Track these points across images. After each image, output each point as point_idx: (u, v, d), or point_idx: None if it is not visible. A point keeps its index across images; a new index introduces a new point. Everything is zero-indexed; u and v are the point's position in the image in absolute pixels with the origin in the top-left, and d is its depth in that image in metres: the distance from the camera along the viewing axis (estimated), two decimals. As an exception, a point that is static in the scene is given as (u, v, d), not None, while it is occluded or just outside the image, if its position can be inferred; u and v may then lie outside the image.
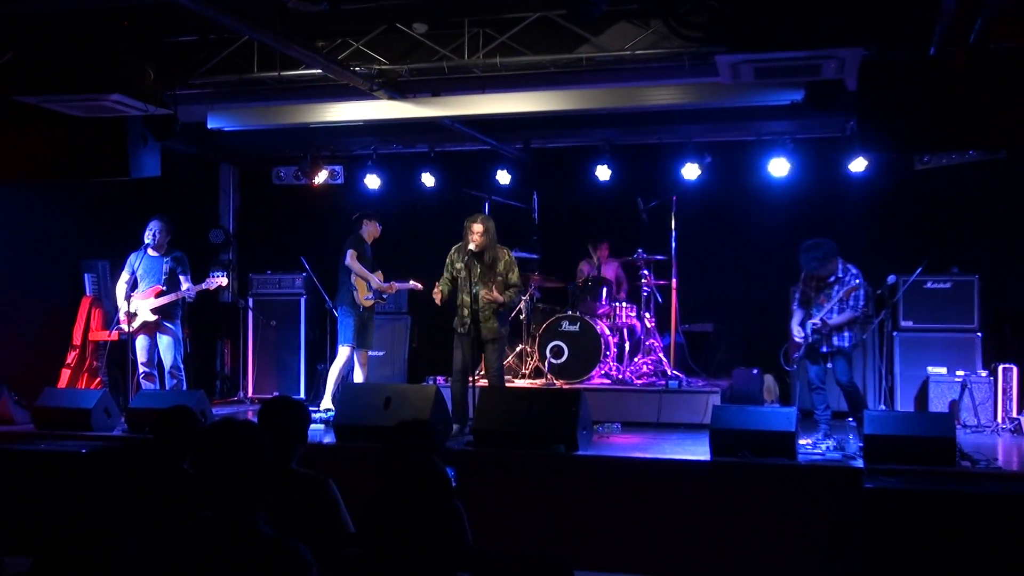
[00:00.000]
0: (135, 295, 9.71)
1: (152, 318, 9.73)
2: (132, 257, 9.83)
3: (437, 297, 8.97)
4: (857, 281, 8.42)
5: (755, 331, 11.61)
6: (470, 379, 8.78)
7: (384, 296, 10.51)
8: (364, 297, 10.16)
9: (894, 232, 10.96)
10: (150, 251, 9.83)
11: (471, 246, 8.74)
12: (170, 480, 4.94)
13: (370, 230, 10.43)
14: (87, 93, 7.62)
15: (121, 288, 9.74)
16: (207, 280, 9.99)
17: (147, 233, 9.82)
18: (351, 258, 10.13)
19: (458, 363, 8.84)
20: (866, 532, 6.55)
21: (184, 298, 9.89)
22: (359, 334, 10.19)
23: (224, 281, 10.24)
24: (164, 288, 9.77)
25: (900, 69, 7.30)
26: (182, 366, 9.98)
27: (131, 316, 9.64)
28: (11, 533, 7.31)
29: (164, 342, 9.83)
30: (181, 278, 9.89)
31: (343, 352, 10.17)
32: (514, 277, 8.93)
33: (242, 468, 3.33)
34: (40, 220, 10.51)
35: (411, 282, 10.59)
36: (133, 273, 9.78)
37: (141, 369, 9.80)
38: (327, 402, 10.05)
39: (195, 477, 3.42)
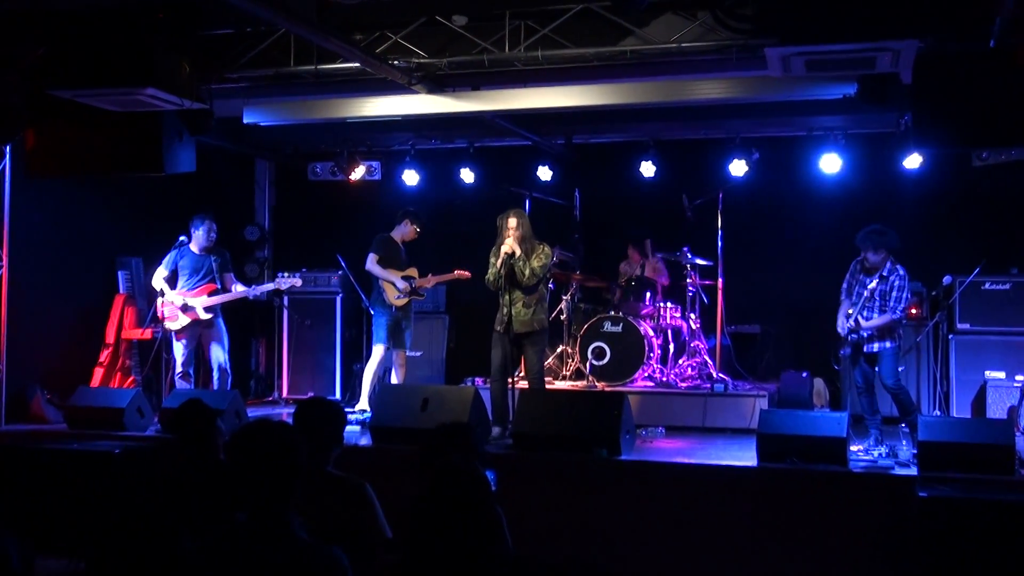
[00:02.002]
0: (182, 293, 9.82)
1: (207, 316, 9.86)
2: (174, 254, 9.91)
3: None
4: (902, 284, 8.35)
5: (804, 333, 11.52)
6: (509, 380, 8.76)
7: (421, 292, 10.52)
8: (395, 296, 10.19)
9: (951, 231, 10.85)
10: (193, 248, 9.94)
11: (505, 245, 8.68)
12: (206, 475, 4.98)
13: (405, 231, 10.45)
14: (121, 87, 7.69)
15: (160, 283, 9.83)
16: (277, 280, 10.19)
17: (199, 230, 9.93)
18: (371, 263, 10.20)
19: (496, 362, 8.81)
20: (919, 543, 6.48)
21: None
22: (392, 334, 10.23)
23: (298, 282, 10.40)
24: (217, 286, 9.94)
25: (958, 62, 7.21)
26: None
27: (178, 312, 9.77)
28: (43, 534, 7.41)
29: (217, 339, 9.96)
30: (225, 276, 10.02)
31: (377, 352, 10.22)
32: (536, 263, 8.79)
33: (276, 470, 3.35)
34: (73, 216, 10.61)
35: (456, 272, 10.58)
36: (174, 270, 9.88)
37: (179, 368, 9.89)
38: (363, 403, 10.09)
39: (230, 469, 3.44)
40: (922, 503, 6.52)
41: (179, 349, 9.90)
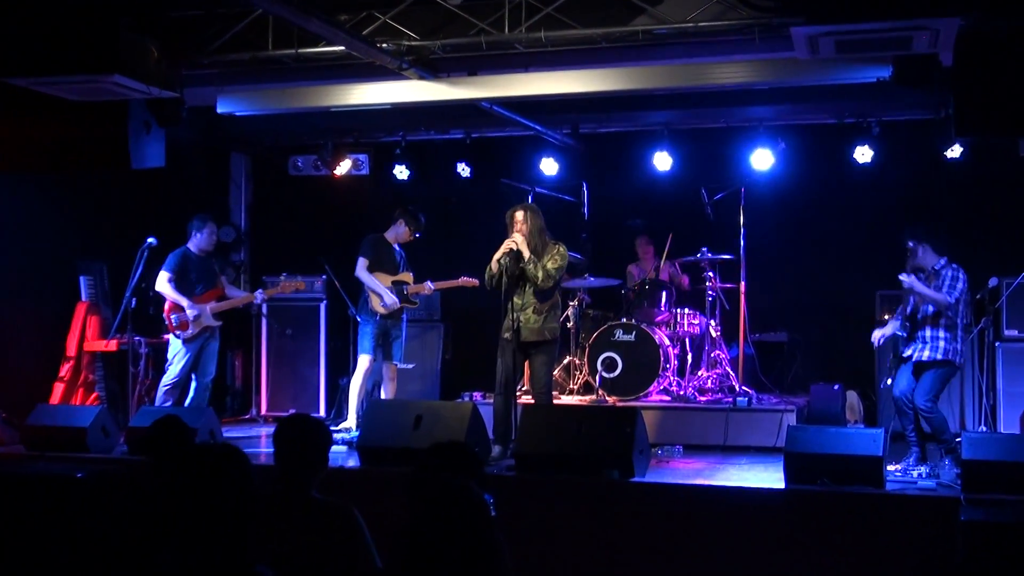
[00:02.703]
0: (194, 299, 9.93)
1: (215, 324, 10.03)
2: (179, 257, 9.97)
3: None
4: (955, 274, 8.33)
5: (836, 341, 11.53)
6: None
7: (414, 300, 10.52)
8: (380, 304, 10.20)
9: (996, 228, 10.85)
10: (194, 251, 10.03)
11: (509, 241, 8.68)
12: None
13: (399, 232, 10.45)
14: (83, 74, 7.70)
15: (167, 288, 9.86)
16: (280, 282, 10.28)
17: (202, 232, 10.05)
18: (361, 268, 10.21)
19: (500, 374, 8.81)
20: (963, 571, 6.47)
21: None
22: (380, 345, 10.25)
23: (302, 285, 10.48)
24: (224, 291, 10.16)
25: (1003, 41, 7.22)
26: None
27: (190, 320, 9.85)
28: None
29: (215, 351, 10.12)
30: (222, 281, 10.23)
31: (362, 363, 10.22)
32: (551, 265, 8.79)
33: (222, 504, 3.31)
34: (31, 217, 10.60)
35: (461, 279, 10.54)
36: (177, 274, 9.93)
37: (171, 380, 9.89)
38: (350, 420, 10.10)
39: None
40: (965, 528, 6.50)
41: (180, 359, 9.90)
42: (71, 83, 7.87)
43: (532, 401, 8.92)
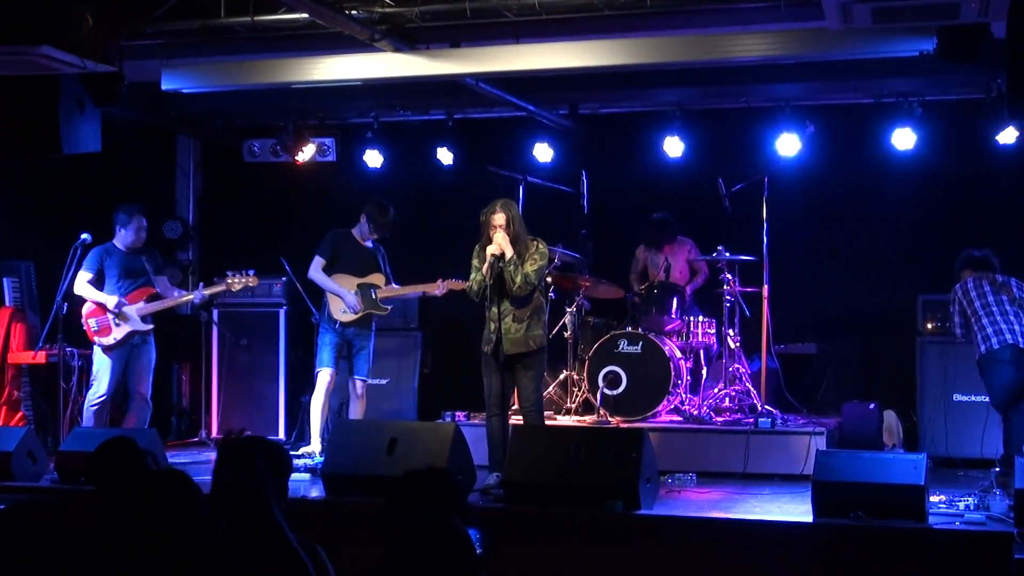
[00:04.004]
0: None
1: (144, 328, 9.99)
2: (99, 252, 9.96)
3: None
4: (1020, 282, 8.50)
5: (872, 354, 11.56)
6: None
7: (383, 307, 10.46)
8: (340, 310, 10.18)
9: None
10: (120, 247, 9.99)
11: (493, 245, 8.68)
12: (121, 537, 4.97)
13: (363, 229, 10.38)
14: (7, 44, 7.68)
15: (85, 288, 9.86)
16: (227, 279, 10.23)
17: (128, 226, 9.99)
18: (315, 269, 10.20)
19: (488, 391, 8.83)
20: (1018, 617, 6.51)
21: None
22: (343, 358, 10.27)
23: (255, 281, 10.41)
24: (156, 291, 10.09)
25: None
26: None
27: (111, 323, 9.84)
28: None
29: (148, 358, 10.08)
30: (159, 279, 10.18)
31: (322, 379, 10.16)
32: (531, 268, 8.76)
33: (172, 536, 3.32)
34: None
35: (439, 282, 10.43)
36: (98, 271, 9.91)
37: (99, 394, 9.88)
38: (315, 444, 10.08)
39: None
40: (1020, 567, 6.54)
41: (105, 370, 9.88)
42: (-7, 55, 7.87)
43: (522, 422, 8.92)
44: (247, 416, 12.07)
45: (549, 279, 10.31)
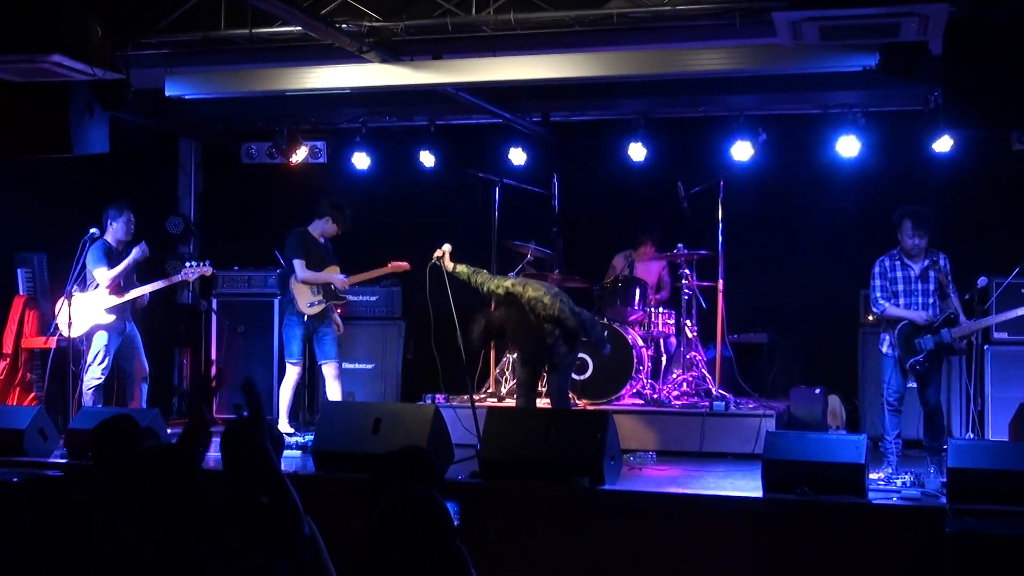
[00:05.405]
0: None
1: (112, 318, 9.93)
2: (103, 248, 9.89)
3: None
4: (946, 265, 8.45)
5: (818, 343, 11.59)
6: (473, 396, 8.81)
7: (342, 297, 10.50)
8: (306, 304, 10.21)
9: (986, 225, 10.91)
10: (112, 243, 9.94)
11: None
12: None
13: (325, 228, 10.42)
14: (21, 53, 7.63)
15: (108, 281, 9.82)
16: (184, 271, 10.17)
17: (117, 223, 9.94)
18: (302, 269, 10.24)
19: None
20: (950, 585, 6.53)
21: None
22: (311, 347, 10.41)
23: (208, 271, 10.38)
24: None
25: (995, 29, 7.26)
26: None
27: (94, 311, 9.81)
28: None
29: (138, 343, 10.06)
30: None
31: (291, 373, 10.37)
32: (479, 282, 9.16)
33: (181, 508, 3.31)
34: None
35: (390, 264, 10.53)
36: (110, 264, 9.88)
37: (96, 376, 9.85)
38: (284, 426, 10.17)
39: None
40: (952, 539, 6.57)
41: (104, 352, 9.86)
42: (8, 63, 7.80)
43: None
44: (243, 397, 12.01)
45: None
